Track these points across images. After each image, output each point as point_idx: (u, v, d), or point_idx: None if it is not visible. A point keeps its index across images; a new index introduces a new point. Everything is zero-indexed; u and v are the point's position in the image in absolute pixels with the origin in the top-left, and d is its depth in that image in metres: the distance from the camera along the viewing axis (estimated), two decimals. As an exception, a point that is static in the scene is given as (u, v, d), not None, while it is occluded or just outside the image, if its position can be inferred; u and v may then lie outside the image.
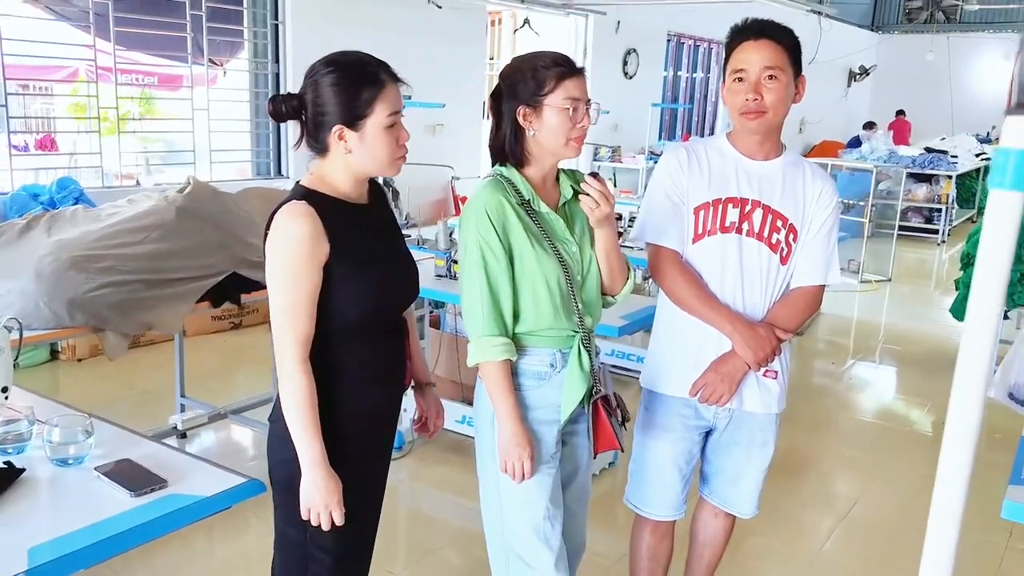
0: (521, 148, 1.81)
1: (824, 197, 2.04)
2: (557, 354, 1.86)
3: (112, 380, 4.53)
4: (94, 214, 2.96)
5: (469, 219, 1.79)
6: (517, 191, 1.80)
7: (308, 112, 1.63)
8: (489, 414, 1.86)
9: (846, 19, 14.85)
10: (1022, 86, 0.44)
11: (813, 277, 2.06)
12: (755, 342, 1.98)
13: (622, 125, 9.80)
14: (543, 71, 1.77)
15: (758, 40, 1.93)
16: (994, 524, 2.91)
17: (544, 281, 1.80)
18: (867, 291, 7.52)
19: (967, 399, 0.47)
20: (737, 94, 1.95)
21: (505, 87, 1.80)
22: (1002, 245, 0.46)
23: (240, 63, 6.54)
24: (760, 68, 1.92)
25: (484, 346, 1.76)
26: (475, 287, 1.76)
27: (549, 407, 1.87)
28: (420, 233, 3.88)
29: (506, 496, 1.88)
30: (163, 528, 1.55)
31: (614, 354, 4.36)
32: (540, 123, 1.78)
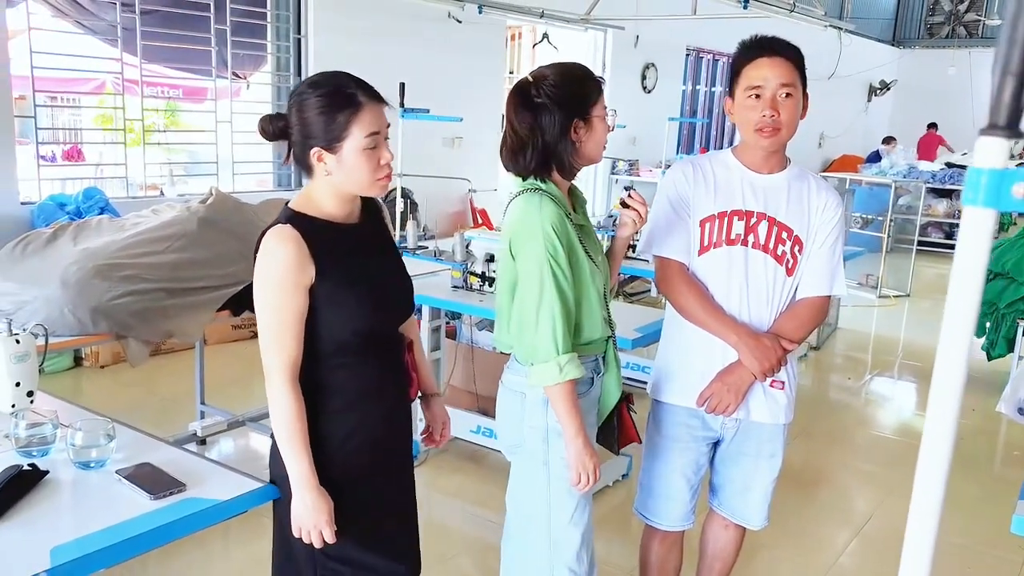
0: (572, 160, 1.84)
1: (829, 209, 2.05)
2: (600, 360, 1.96)
3: (134, 387, 4.60)
4: (119, 224, 3.03)
5: (533, 236, 1.77)
6: (562, 205, 1.84)
7: (292, 133, 1.64)
8: (542, 429, 1.87)
9: (867, 34, 14.82)
10: (993, 109, 0.47)
11: (819, 288, 2.08)
12: (761, 352, 2.00)
13: (640, 139, 9.83)
14: (587, 83, 1.84)
15: (773, 57, 1.95)
16: (1009, 541, 2.90)
17: (595, 291, 1.87)
18: (886, 306, 7.47)
19: (942, 415, 0.49)
20: (751, 110, 1.96)
21: (548, 102, 1.79)
22: (976, 260, 0.48)
23: (263, 76, 6.64)
24: (777, 85, 1.94)
25: (565, 365, 1.76)
26: (546, 307, 1.76)
27: (591, 412, 1.95)
28: (437, 245, 3.92)
29: (557, 509, 1.91)
30: (181, 530, 1.58)
31: (629, 366, 4.37)
32: (590, 135, 1.83)
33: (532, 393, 1.87)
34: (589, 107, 1.82)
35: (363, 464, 1.72)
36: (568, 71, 1.86)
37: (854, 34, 12.73)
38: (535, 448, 1.89)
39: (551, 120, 1.79)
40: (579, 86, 1.82)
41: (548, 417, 1.87)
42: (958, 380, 0.49)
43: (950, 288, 0.51)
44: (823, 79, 12.11)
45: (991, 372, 5.05)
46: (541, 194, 1.81)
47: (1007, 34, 0.45)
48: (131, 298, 2.72)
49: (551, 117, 1.79)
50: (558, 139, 1.80)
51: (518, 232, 1.81)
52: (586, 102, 1.81)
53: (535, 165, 1.83)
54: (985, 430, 4.61)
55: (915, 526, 0.51)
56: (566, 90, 1.80)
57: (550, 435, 1.87)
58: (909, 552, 0.52)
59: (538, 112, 1.80)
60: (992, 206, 0.48)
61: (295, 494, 1.62)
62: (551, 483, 1.89)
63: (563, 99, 1.79)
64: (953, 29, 16.65)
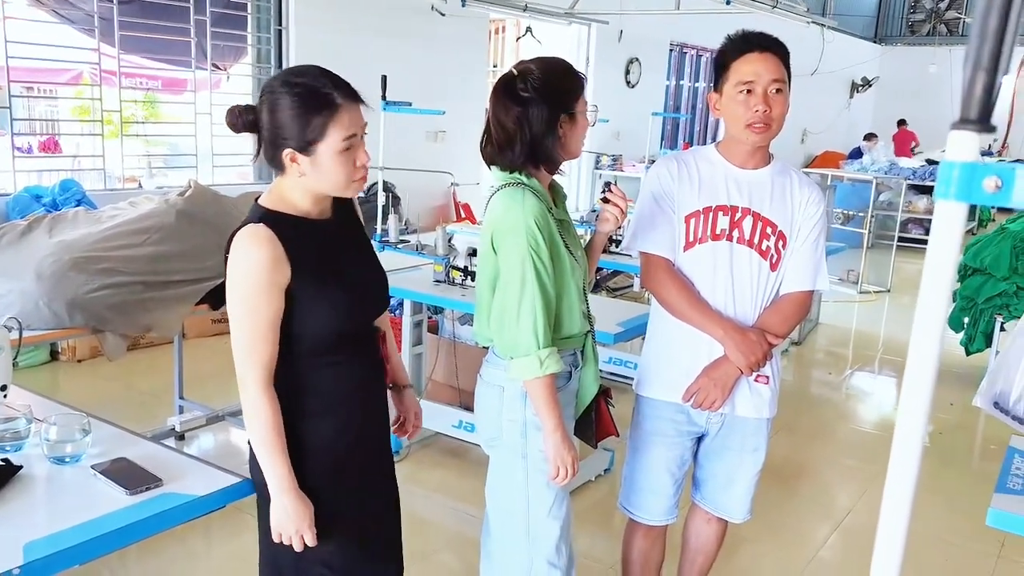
0: (557, 154, 1.84)
1: (811, 204, 2.07)
2: (578, 354, 1.96)
3: (112, 381, 4.56)
4: (95, 216, 3.00)
5: (516, 229, 1.77)
6: (544, 200, 1.84)
7: (263, 130, 1.58)
8: (520, 423, 1.88)
9: (849, 31, 14.91)
10: (965, 103, 0.47)
11: (802, 283, 2.09)
12: (747, 347, 2.01)
13: (624, 134, 9.84)
14: (572, 78, 1.84)
15: (764, 53, 1.95)
16: (986, 535, 2.93)
17: (575, 286, 1.87)
18: (866, 301, 7.53)
19: (914, 408, 0.49)
20: (742, 105, 1.96)
21: (534, 95, 1.78)
22: (948, 253, 0.48)
23: (243, 68, 6.58)
24: (768, 80, 1.94)
25: (545, 359, 1.77)
26: (527, 301, 1.76)
27: (569, 405, 1.95)
28: (419, 239, 3.90)
29: (536, 502, 1.91)
30: (157, 526, 1.57)
31: (611, 361, 4.38)
32: (572, 130, 1.84)
33: (510, 387, 1.87)
34: (574, 102, 1.82)
35: (344, 465, 1.70)
36: (553, 65, 1.86)
37: (836, 31, 12.80)
38: (513, 441, 1.90)
39: (538, 114, 1.79)
40: (564, 81, 1.83)
41: (526, 411, 1.87)
42: (930, 370, 0.49)
43: (923, 280, 0.51)
44: (806, 75, 12.17)
45: (969, 367, 5.10)
46: (524, 188, 1.80)
47: (978, 29, 0.45)
48: (108, 291, 2.69)
49: (538, 111, 1.79)
50: (545, 133, 1.80)
51: (500, 226, 1.81)
52: (571, 97, 1.82)
53: (523, 159, 1.82)
54: (963, 424, 4.66)
55: (888, 516, 0.51)
56: (552, 84, 1.80)
57: (528, 428, 1.87)
58: (882, 544, 0.52)
59: (525, 106, 1.79)
60: (964, 199, 0.48)
61: (274, 500, 1.59)
62: (529, 476, 1.89)
63: (549, 93, 1.79)
64: (934, 27, 16.79)
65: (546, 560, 1.92)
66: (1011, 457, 1.95)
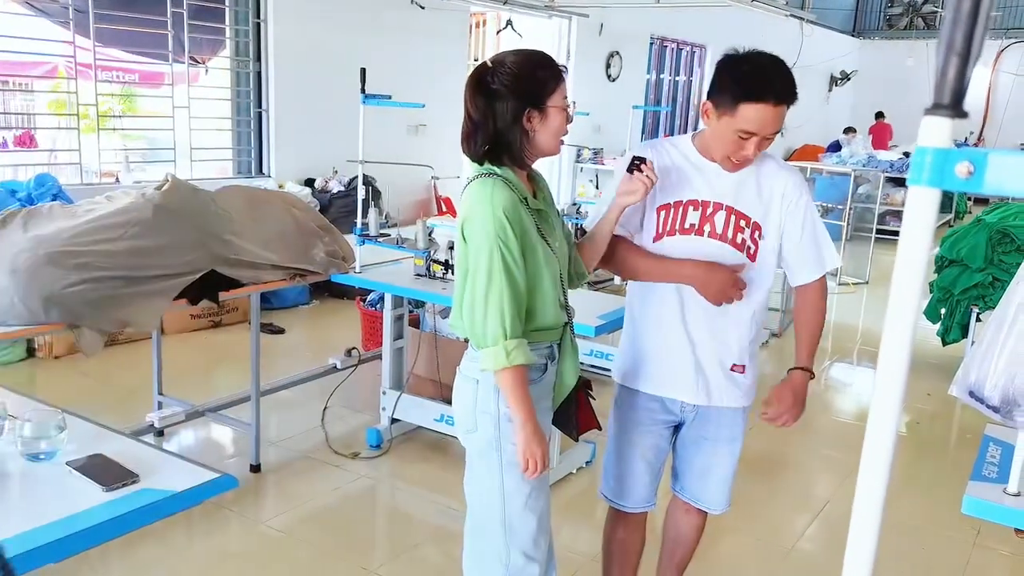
0: (524, 151, 1.82)
1: (790, 193, 2.05)
2: (554, 347, 1.94)
3: (90, 377, 4.51)
4: (71, 210, 2.95)
5: (484, 220, 1.76)
6: (517, 190, 1.82)
7: None
8: (494, 415, 1.87)
9: (828, 24, 14.98)
10: (938, 88, 0.47)
11: (811, 274, 2.12)
12: (711, 279, 2.00)
13: (605, 127, 9.84)
14: (545, 72, 1.81)
15: (778, 106, 1.89)
16: (962, 522, 2.96)
17: (551, 277, 1.85)
18: (845, 293, 7.59)
19: (887, 396, 0.49)
20: (733, 143, 1.93)
21: (502, 88, 1.78)
22: (921, 238, 0.48)
23: (222, 61, 6.52)
24: (769, 132, 1.92)
25: (512, 350, 1.75)
26: (495, 292, 1.75)
27: (545, 398, 1.94)
28: (400, 233, 3.88)
29: (512, 493, 1.90)
30: (134, 523, 1.55)
31: (592, 354, 4.39)
32: (544, 125, 1.81)
33: (485, 379, 1.86)
34: (545, 97, 1.80)
35: None
36: (527, 58, 1.83)
37: (815, 24, 12.86)
38: (488, 434, 1.89)
39: (504, 107, 1.78)
40: (536, 74, 1.80)
41: (500, 403, 1.86)
42: (904, 354, 0.49)
43: (896, 264, 0.51)
44: (785, 69, 12.18)
45: (946, 357, 5.15)
46: (495, 179, 1.80)
47: (951, 13, 0.45)
48: (84, 286, 2.66)
49: (504, 104, 1.78)
50: (509, 126, 1.79)
51: (469, 217, 1.80)
52: (542, 92, 1.79)
53: (485, 151, 1.82)
54: (940, 414, 4.72)
55: (861, 505, 0.51)
56: (522, 78, 1.78)
57: (502, 421, 1.87)
58: (856, 532, 0.53)
59: (492, 98, 1.79)
60: (936, 185, 0.48)
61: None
62: (504, 469, 1.88)
63: (517, 87, 1.77)
64: (911, 20, 16.92)
65: (523, 552, 1.92)
66: (986, 445, 1.98)
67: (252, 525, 3.15)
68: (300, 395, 4.27)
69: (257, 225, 3.29)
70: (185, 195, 3.09)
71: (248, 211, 3.31)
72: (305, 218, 3.54)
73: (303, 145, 6.74)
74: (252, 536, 3.09)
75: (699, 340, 2.08)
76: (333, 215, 6.01)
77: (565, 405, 2.01)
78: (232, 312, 5.55)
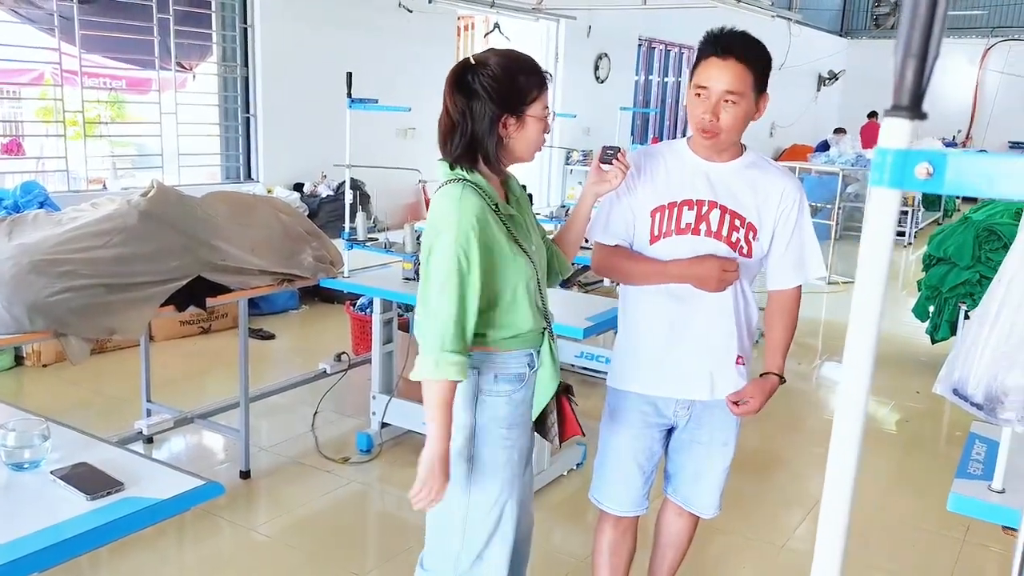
0: (498, 156, 1.78)
1: (787, 197, 2.05)
2: (534, 354, 1.89)
3: (78, 386, 4.49)
4: (56, 218, 2.94)
5: (449, 227, 1.71)
6: (487, 196, 1.77)
7: None
8: (464, 425, 1.84)
9: (815, 24, 15.05)
10: (896, 90, 0.47)
11: (786, 281, 2.13)
12: (703, 271, 2.01)
13: (594, 129, 9.86)
14: (524, 79, 1.76)
15: (724, 59, 1.90)
16: (951, 520, 2.97)
17: (524, 284, 1.81)
18: (835, 292, 7.62)
19: (852, 397, 0.50)
20: (696, 108, 1.96)
21: (481, 89, 1.73)
22: (883, 238, 0.48)
23: (209, 66, 6.50)
24: (721, 90, 1.91)
25: (443, 362, 1.69)
26: (445, 299, 1.70)
27: (526, 408, 1.90)
28: (388, 237, 3.88)
29: (476, 500, 1.88)
30: (119, 531, 1.55)
31: (582, 356, 4.39)
32: (521, 133, 1.77)
33: (459, 389, 1.82)
34: (524, 104, 1.76)
35: None
36: (511, 62, 1.77)
37: (803, 25, 12.92)
38: (457, 444, 1.85)
39: (482, 110, 1.73)
40: (518, 80, 1.75)
41: (475, 415, 1.84)
42: (869, 355, 0.50)
43: (859, 263, 0.51)
44: (774, 70, 12.23)
45: (935, 355, 5.18)
46: (464, 184, 1.75)
47: (908, 16, 0.45)
48: (70, 294, 2.65)
49: (482, 106, 1.73)
50: (487, 130, 1.74)
51: (435, 222, 1.75)
52: (522, 99, 1.75)
53: (460, 152, 1.78)
54: (930, 412, 4.74)
55: (830, 495, 0.52)
56: (503, 82, 1.73)
57: (478, 432, 1.84)
58: (824, 527, 0.53)
59: (471, 98, 1.74)
60: (897, 186, 0.48)
61: None
62: (472, 480, 1.85)
63: (498, 91, 1.73)
64: (898, 20, 17.01)
65: (475, 551, 1.89)
66: (971, 443, 1.99)
67: (243, 531, 3.14)
68: (290, 400, 4.26)
69: (244, 230, 3.28)
70: (171, 201, 3.08)
71: (235, 216, 3.31)
72: (293, 223, 3.54)
73: (291, 150, 6.73)
74: (243, 542, 3.08)
75: (695, 337, 2.08)
76: (322, 219, 6.01)
77: (546, 412, 1.95)
78: (221, 318, 5.54)
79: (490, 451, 1.86)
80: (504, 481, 1.88)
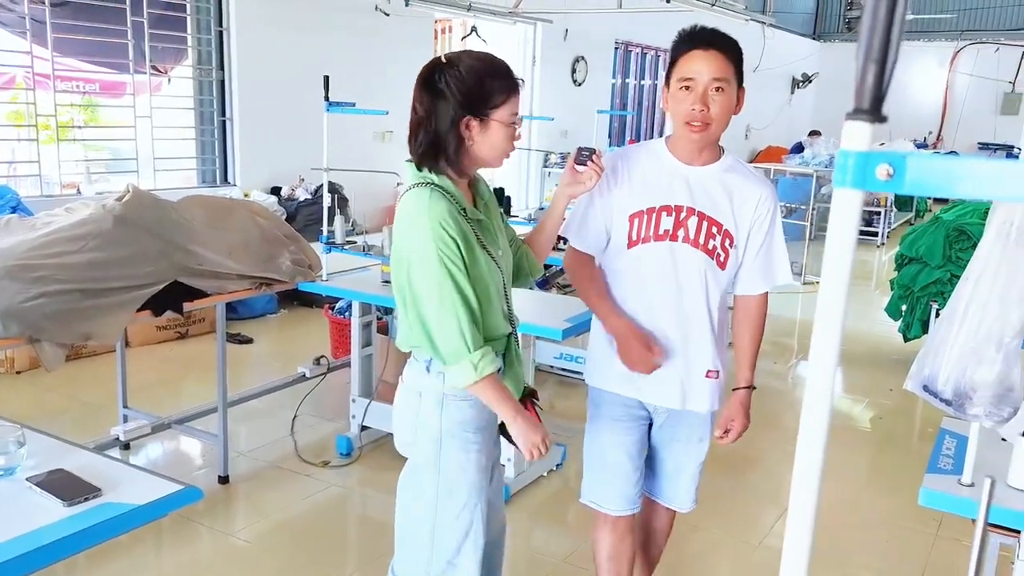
0: (459, 158, 1.76)
1: (763, 204, 2.05)
2: (499, 358, 1.87)
3: (54, 392, 4.44)
4: (29, 223, 2.91)
5: (424, 234, 1.68)
6: (455, 200, 1.76)
7: None
8: (435, 430, 1.84)
9: (788, 28, 15.22)
10: (858, 93, 0.49)
11: (760, 286, 2.14)
12: (626, 352, 2.05)
13: (572, 132, 9.90)
14: (490, 82, 1.73)
15: (707, 50, 1.92)
16: (924, 515, 3.03)
17: (494, 288, 1.80)
18: (810, 292, 7.71)
19: (817, 400, 0.51)
20: (683, 102, 1.94)
21: (446, 89, 1.72)
22: (846, 238, 0.50)
23: (184, 70, 6.46)
24: (709, 79, 1.91)
25: (479, 363, 1.71)
26: (448, 307, 1.69)
27: (491, 411, 1.88)
28: (366, 240, 3.88)
29: (443, 506, 1.87)
30: (96, 537, 1.54)
31: (561, 357, 4.41)
32: (484, 137, 1.75)
33: (428, 393, 1.82)
34: (488, 108, 1.73)
35: None
36: (481, 64, 1.75)
37: (776, 28, 13.06)
38: (427, 450, 1.85)
39: (445, 109, 1.72)
40: (484, 83, 1.73)
41: (444, 420, 1.83)
42: (833, 349, 0.51)
43: (824, 265, 0.53)
44: (748, 72, 12.32)
45: (908, 353, 5.23)
46: (431, 189, 1.73)
47: (868, 21, 0.47)
48: (44, 300, 2.62)
49: (446, 106, 1.71)
50: (447, 131, 1.73)
51: (406, 230, 1.73)
52: (485, 102, 1.73)
53: (422, 151, 1.77)
54: (902, 409, 4.81)
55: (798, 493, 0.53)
56: (468, 84, 1.71)
57: (444, 438, 1.83)
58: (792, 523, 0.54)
59: (436, 97, 1.73)
60: (859, 187, 0.50)
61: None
62: (440, 486, 1.85)
63: (461, 91, 1.71)
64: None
65: (446, 559, 1.89)
66: (942, 438, 2.03)
67: (222, 537, 3.12)
68: (269, 405, 4.24)
69: (221, 234, 3.26)
70: (146, 205, 3.06)
71: (212, 221, 3.29)
72: (270, 226, 3.53)
73: (268, 153, 6.70)
74: (222, 548, 3.07)
75: (670, 345, 2.07)
76: (300, 223, 5.98)
77: None
78: (199, 323, 5.50)
79: (457, 455, 1.85)
80: (472, 485, 1.87)
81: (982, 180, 0.50)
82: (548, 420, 2.27)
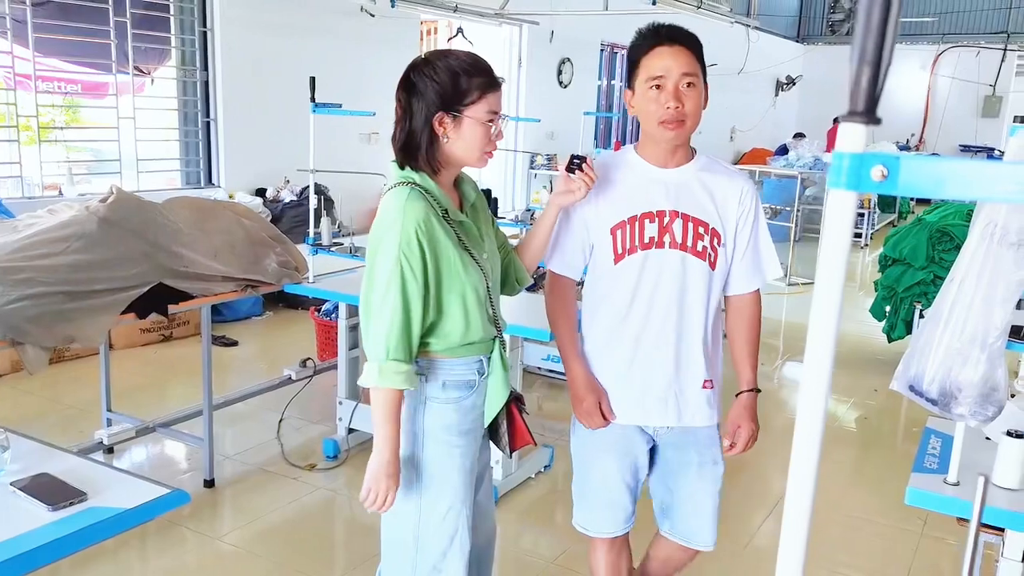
0: (434, 155, 1.75)
1: (745, 198, 1.98)
2: (484, 360, 1.86)
3: (36, 395, 4.40)
4: (11, 225, 2.89)
5: (392, 233, 1.68)
6: (436, 200, 1.74)
7: None
8: (413, 432, 1.82)
9: (773, 30, 15.32)
10: (852, 96, 0.49)
11: (751, 284, 2.06)
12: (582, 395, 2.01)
13: (558, 133, 9.92)
14: (465, 79, 1.72)
15: (673, 46, 1.86)
16: (909, 513, 3.05)
17: (473, 291, 1.77)
18: (795, 293, 7.76)
19: (813, 399, 0.52)
20: (654, 101, 1.86)
21: (421, 86, 1.72)
22: (841, 239, 0.51)
23: (168, 70, 6.42)
24: (679, 75, 1.85)
25: (388, 371, 1.69)
26: (387, 307, 1.68)
27: (476, 415, 1.87)
28: (353, 242, 3.87)
29: (427, 510, 1.85)
30: (82, 542, 1.52)
31: (549, 359, 4.42)
32: (458, 134, 1.73)
33: (409, 396, 1.80)
34: (461, 104, 1.72)
35: None
36: (457, 62, 1.74)
37: (760, 30, 13.14)
38: (406, 452, 1.83)
39: (420, 105, 1.72)
40: (459, 79, 1.71)
41: (424, 422, 1.82)
42: (829, 349, 0.52)
43: (819, 259, 0.53)
44: (733, 74, 12.45)
45: (893, 354, 5.29)
46: (411, 189, 1.72)
47: (862, 23, 0.47)
48: (27, 302, 2.59)
49: (420, 102, 1.72)
50: (421, 127, 1.73)
51: (378, 227, 1.73)
52: (458, 98, 1.72)
53: (399, 147, 1.77)
54: (888, 409, 4.84)
55: (793, 491, 0.54)
56: (442, 80, 1.71)
57: (427, 440, 1.82)
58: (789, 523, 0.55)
59: (412, 94, 1.73)
60: (853, 188, 0.50)
61: None
62: (422, 487, 1.84)
63: (435, 87, 1.71)
64: (853, 26, 17.35)
65: (432, 564, 1.87)
66: (927, 437, 2.04)
67: (208, 541, 3.10)
68: (255, 408, 4.21)
69: (206, 236, 3.24)
70: (131, 207, 3.04)
71: (196, 222, 3.27)
72: (255, 228, 3.51)
73: (253, 154, 6.67)
74: (208, 552, 3.05)
75: (664, 358, 1.98)
76: (286, 225, 5.95)
77: (498, 420, 1.91)
78: (183, 325, 5.46)
79: (439, 459, 1.83)
80: (456, 490, 1.84)
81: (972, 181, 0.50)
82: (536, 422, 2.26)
